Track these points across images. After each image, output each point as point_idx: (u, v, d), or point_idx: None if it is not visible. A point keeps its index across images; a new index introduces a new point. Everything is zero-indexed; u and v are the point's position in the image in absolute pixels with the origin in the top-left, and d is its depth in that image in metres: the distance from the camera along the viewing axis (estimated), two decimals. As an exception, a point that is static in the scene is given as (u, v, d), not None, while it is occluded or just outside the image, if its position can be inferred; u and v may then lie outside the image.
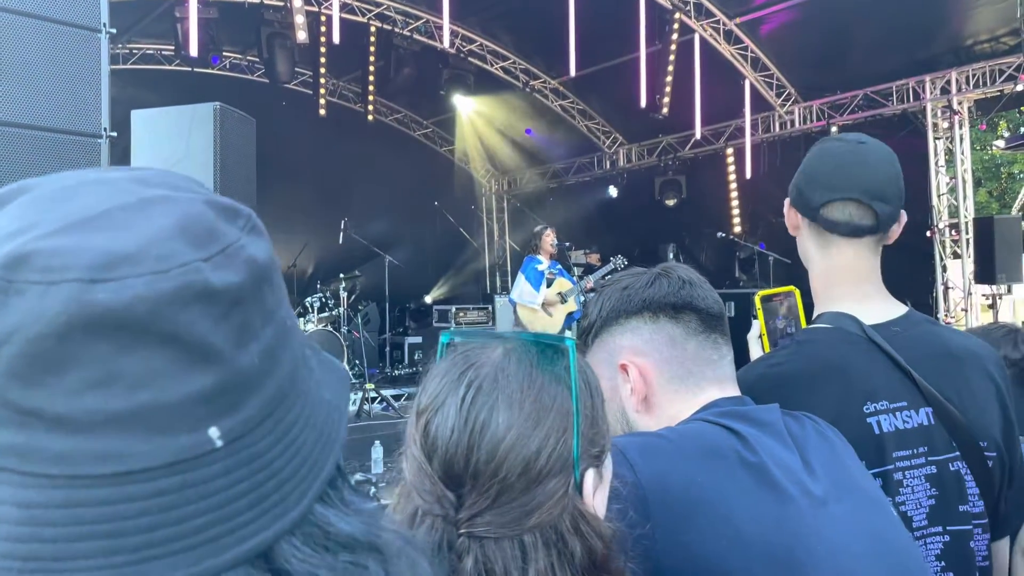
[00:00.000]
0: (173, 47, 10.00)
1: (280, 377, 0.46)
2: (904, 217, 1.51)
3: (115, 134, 3.10)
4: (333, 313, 10.40)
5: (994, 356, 1.50)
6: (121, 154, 3.78)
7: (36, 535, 0.39)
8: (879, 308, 1.47)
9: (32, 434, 0.39)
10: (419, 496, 0.80)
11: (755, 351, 1.69)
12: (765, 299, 1.78)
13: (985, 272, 8.48)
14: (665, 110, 10.62)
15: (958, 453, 1.38)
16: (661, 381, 1.24)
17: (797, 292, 1.78)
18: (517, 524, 0.78)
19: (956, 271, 9.64)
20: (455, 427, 0.81)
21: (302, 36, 9.27)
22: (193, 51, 8.29)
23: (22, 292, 0.39)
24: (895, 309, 1.49)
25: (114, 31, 3.14)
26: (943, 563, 1.34)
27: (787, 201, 1.59)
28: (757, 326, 1.74)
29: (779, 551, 1.04)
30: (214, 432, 0.42)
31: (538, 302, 7.89)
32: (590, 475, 0.85)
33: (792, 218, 1.57)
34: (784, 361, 1.43)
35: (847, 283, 1.49)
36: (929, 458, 1.36)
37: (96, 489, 0.39)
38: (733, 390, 1.26)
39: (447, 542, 0.78)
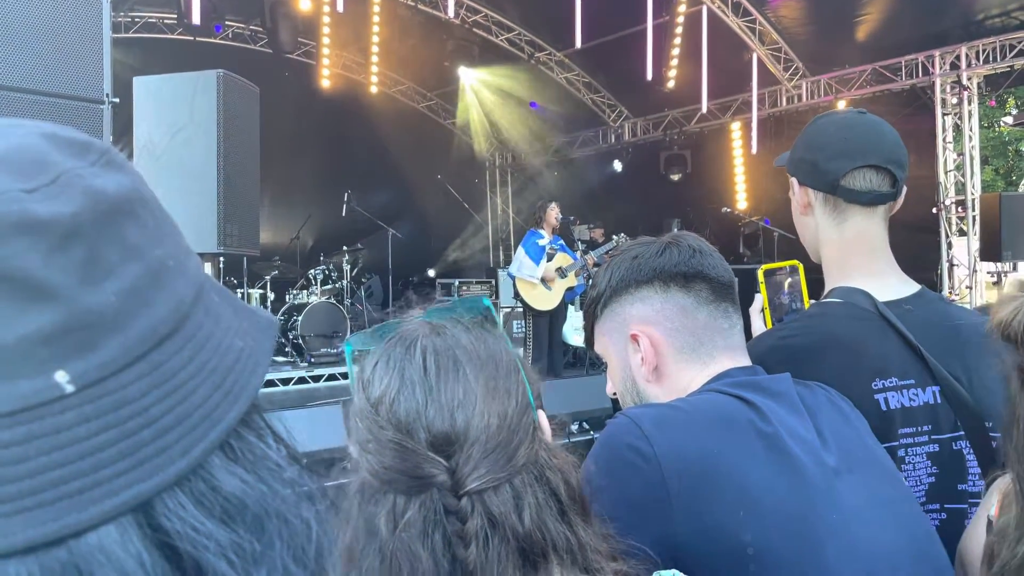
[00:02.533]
0: (176, 16, 9.91)
1: (153, 319, 0.42)
2: (904, 188, 1.51)
3: (117, 100, 3.07)
4: (336, 286, 10.39)
5: None
6: (125, 121, 3.76)
7: None
8: (892, 285, 1.47)
9: None
10: (403, 479, 0.81)
11: (757, 325, 1.68)
12: (768, 273, 1.78)
13: (991, 249, 8.44)
14: (671, 83, 10.53)
15: (962, 432, 1.38)
16: (671, 351, 1.24)
17: (800, 266, 1.77)
18: (507, 466, 0.81)
19: (962, 248, 9.60)
20: (428, 396, 0.83)
21: (305, 5, 9.17)
22: (196, 19, 8.22)
23: None
24: (908, 287, 1.49)
25: (113, -7, 3.11)
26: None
27: (794, 182, 1.58)
28: (760, 300, 1.74)
29: (794, 521, 1.04)
30: (61, 376, 0.38)
31: (537, 276, 7.88)
32: (542, 414, 0.90)
33: (803, 197, 1.55)
34: (795, 334, 1.43)
35: (861, 256, 1.49)
36: (932, 436, 1.37)
37: None
38: (744, 359, 1.26)
39: (444, 511, 0.80)
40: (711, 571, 1.02)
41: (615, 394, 1.35)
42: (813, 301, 1.68)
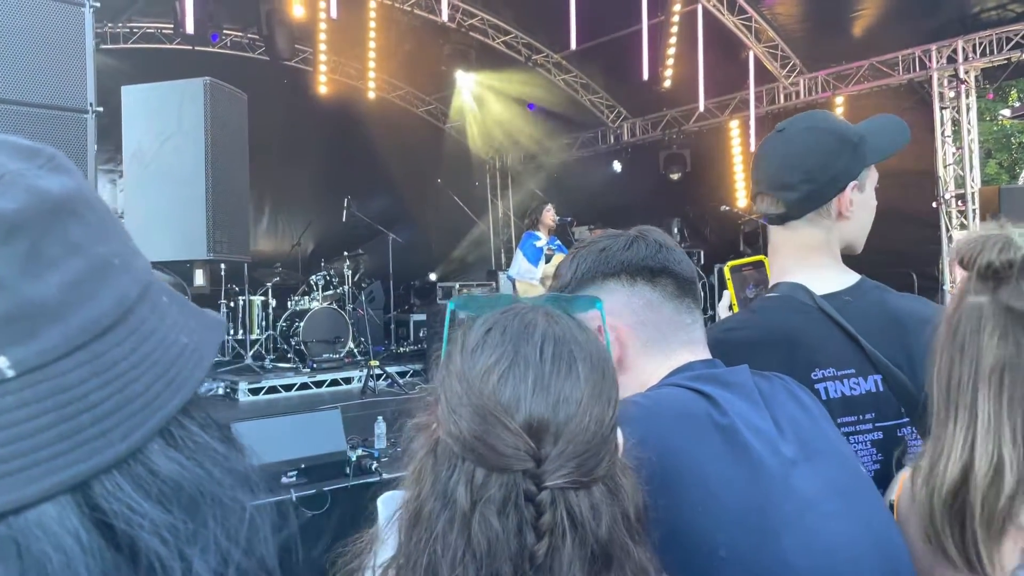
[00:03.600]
0: (172, 26, 9.96)
1: (95, 311, 0.44)
2: (848, 191, 1.53)
3: (100, 109, 3.09)
4: (337, 291, 10.41)
5: None
6: (117, 130, 3.77)
7: None
8: (830, 278, 1.53)
9: None
10: (489, 453, 0.80)
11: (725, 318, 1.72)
12: (735, 269, 1.82)
13: (991, 243, 8.40)
14: (668, 83, 10.52)
15: (907, 419, 1.41)
16: (636, 344, 1.25)
17: (766, 261, 1.80)
18: (592, 473, 0.81)
19: (962, 242, 9.56)
20: (538, 380, 0.82)
21: (299, 12, 9.21)
22: (189, 28, 8.25)
23: None
24: (847, 279, 1.54)
25: (97, 4, 3.12)
26: None
27: None
28: (727, 296, 1.77)
29: (751, 514, 1.05)
30: (2, 362, 0.41)
31: (537, 277, 7.89)
32: (618, 429, 0.89)
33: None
34: (737, 327, 1.48)
35: (800, 254, 1.56)
36: (876, 424, 1.40)
37: None
38: (704, 353, 1.27)
39: (524, 496, 0.79)
40: (677, 567, 1.01)
41: None
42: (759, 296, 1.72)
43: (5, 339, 0.41)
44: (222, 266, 7.95)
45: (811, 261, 1.54)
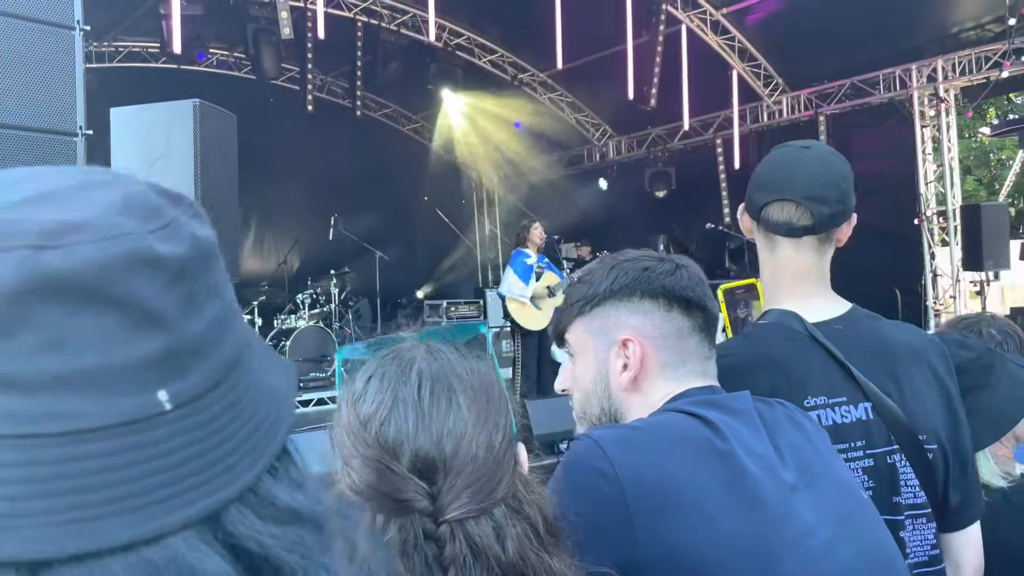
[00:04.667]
0: (158, 45, 9.96)
1: (227, 350, 0.48)
2: (854, 219, 1.56)
3: (91, 132, 3.08)
4: (324, 310, 10.38)
5: (938, 349, 1.54)
6: (104, 153, 3.77)
7: None
8: (822, 306, 1.53)
9: None
10: (382, 499, 0.82)
11: (719, 342, 1.74)
12: (728, 292, 1.84)
13: (972, 259, 8.51)
14: (653, 102, 10.62)
15: (896, 446, 1.42)
16: (654, 366, 1.26)
17: (759, 284, 1.81)
18: (489, 498, 0.82)
19: (944, 258, 9.67)
20: (419, 420, 0.83)
21: (287, 31, 9.24)
22: (176, 48, 8.25)
23: None
24: (838, 307, 1.55)
25: (88, 28, 3.12)
26: None
27: (741, 206, 1.66)
28: (720, 318, 1.79)
29: (751, 540, 1.06)
30: (163, 395, 0.43)
31: (528, 295, 7.90)
32: (521, 448, 0.91)
33: (745, 222, 1.64)
34: (729, 354, 1.46)
35: (791, 281, 1.56)
36: (867, 451, 1.41)
37: (49, 448, 0.40)
38: (712, 383, 1.29)
39: (423, 535, 0.81)
40: None
41: (564, 390, 1.37)
42: (750, 322, 1.73)
43: (166, 374, 0.43)
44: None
45: (804, 289, 1.55)
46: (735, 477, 1.09)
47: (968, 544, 1.50)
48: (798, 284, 1.55)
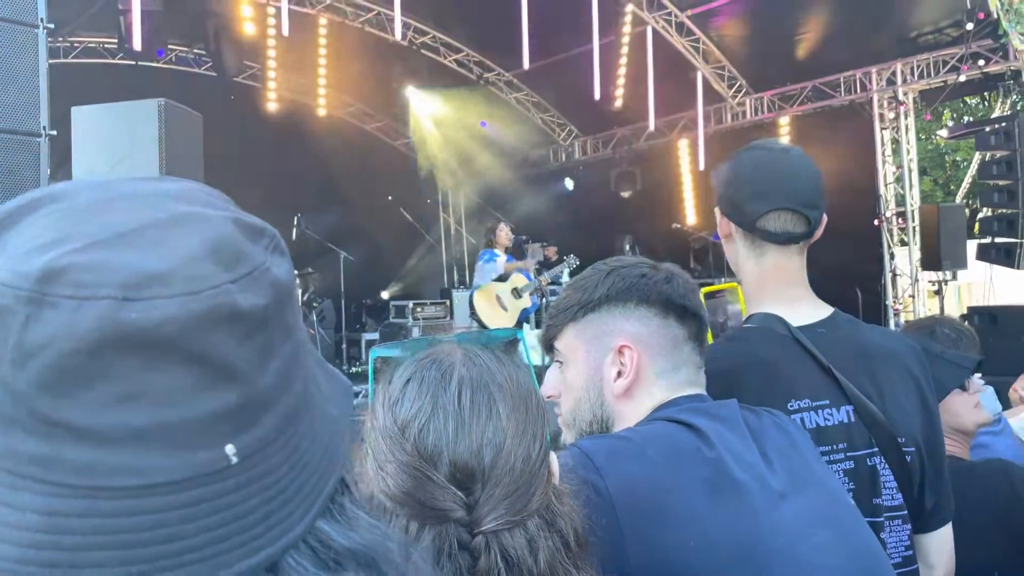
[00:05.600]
0: (116, 40, 9.73)
1: (293, 395, 0.47)
2: (825, 218, 1.58)
3: (54, 132, 2.99)
4: (288, 311, 10.25)
5: (915, 354, 1.56)
6: (64, 151, 3.66)
7: (56, 543, 0.40)
8: (806, 310, 1.55)
9: (57, 445, 0.40)
10: (419, 507, 0.80)
11: None
12: (708, 295, 1.84)
13: (930, 259, 8.69)
14: (619, 102, 10.67)
15: (876, 449, 1.44)
16: (650, 374, 1.25)
17: (739, 288, 1.82)
18: (524, 510, 0.81)
19: (904, 258, 9.87)
20: (459, 428, 0.82)
21: (249, 29, 9.09)
22: (137, 45, 8.07)
23: (56, 306, 0.40)
24: (821, 311, 1.56)
25: (52, 26, 3.03)
26: None
27: (718, 211, 1.65)
28: None
29: (741, 548, 1.06)
30: (231, 449, 0.43)
31: (496, 271, 7.95)
32: (553, 457, 0.90)
33: (725, 227, 1.63)
34: (715, 358, 1.46)
35: (777, 286, 1.56)
36: (848, 454, 1.43)
37: (116, 501, 0.40)
38: (700, 391, 1.28)
39: (457, 545, 0.80)
40: None
41: (550, 397, 1.34)
42: (734, 327, 1.74)
43: (237, 427, 0.43)
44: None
45: (791, 293, 1.56)
46: (724, 486, 1.09)
47: (942, 545, 1.53)
48: (785, 288, 1.56)
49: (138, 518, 0.41)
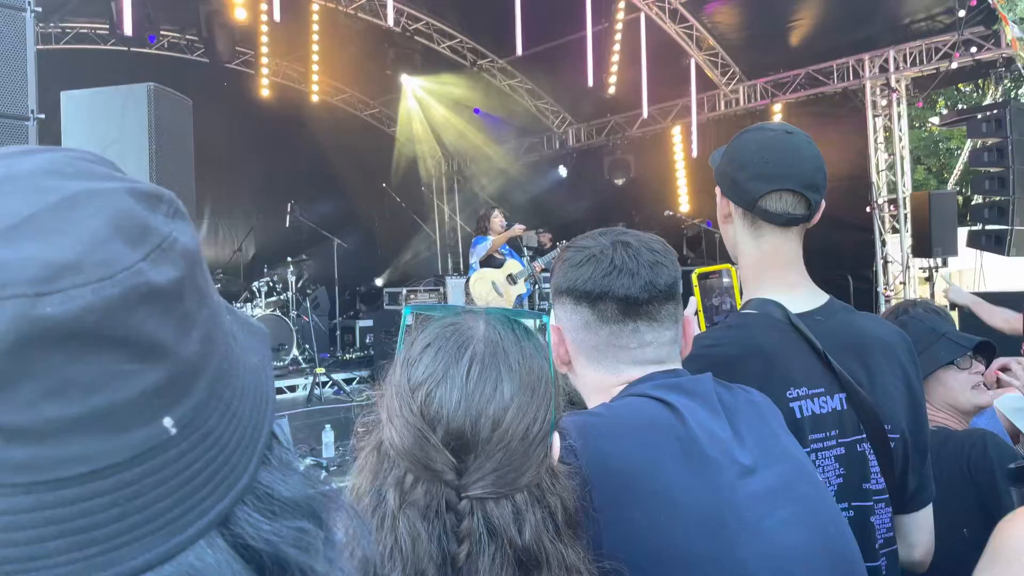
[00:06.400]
0: (108, 26, 9.68)
1: (218, 356, 0.47)
2: (823, 203, 1.58)
3: (43, 116, 2.99)
4: (281, 298, 10.26)
5: (906, 344, 1.58)
6: (53, 136, 3.66)
7: (8, 540, 0.40)
8: (804, 297, 1.55)
9: None
10: (415, 463, 0.87)
11: (691, 327, 1.74)
12: (702, 277, 1.84)
13: (922, 246, 8.72)
14: (612, 89, 10.65)
15: (864, 435, 1.47)
16: (580, 357, 1.30)
17: (733, 270, 1.82)
18: (512, 484, 0.87)
19: (895, 245, 9.90)
20: (461, 399, 0.88)
21: (241, 14, 9.04)
22: (127, 30, 8.02)
23: None
24: (818, 298, 1.57)
25: (39, 10, 3.02)
26: None
27: (718, 191, 1.64)
28: (694, 303, 1.79)
29: (712, 521, 1.08)
30: (168, 422, 0.43)
31: (487, 248, 7.98)
32: (556, 437, 0.94)
33: (725, 207, 1.62)
34: (716, 343, 1.49)
35: (776, 270, 1.56)
36: (840, 440, 1.45)
37: (63, 490, 0.40)
38: (663, 367, 1.27)
39: (445, 504, 0.86)
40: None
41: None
42: (732, 311, 1.74)
43: (170, 400, 0.44)
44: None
45: (790, 278, 1.56)
46: (696, 461, 1.11)
47: (923, 525, 1.55)
48: (784, 272, 1.56)
49: (87, 503, 0.41)
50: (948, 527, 1.67)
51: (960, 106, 17.52)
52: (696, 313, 1.79)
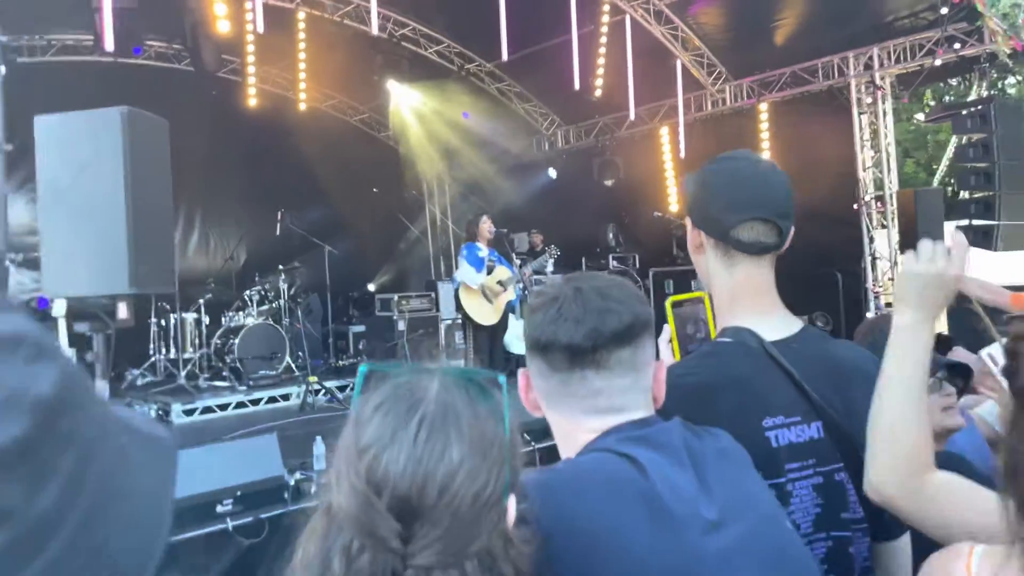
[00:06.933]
0: (92, 38, 9.67)
1: (88, 498, 0.44)
2: (792, 229, 1.59)
3: (9, 147, 3.00)
4: (273, 306, 10.26)
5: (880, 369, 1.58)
6: (32, 159, 3.67)
7: None
8: (778, 324, 1.55)
9: None
10: (361, 529, 0.84)
11: (665, 355, 1.74)
12: (676, 304, 1.82)
13: (909, 243, 8.73)
14: (599, 92, 10.66)
15: (842, 464, 1.46)
16: (544, 403, 1.30)
17: (707, 297, 1.82)
18: (461, 552, 0.84)
19: (883, 242, 9.91)
20: (408, 463, 0.85)
21: (224, 27, 9.04)
22: (108, 45, 8.01)
23: None
24: (792, 325, 1.57)
25: (4, 39, 3.03)
26: (826, 566, 1.42)
27: (688, 222, 1.64)
28: (668, 331, 1.79)
29: None
30: None
31: (478, 283, 7.94)
32: (512, 500, 0.91)
33: (696, 238, 1.62)
34: (690, 373, 1.48)
35: (749, 298, 1.56)
36: (817, 469, 1.44)
37: None
38: (626, 415, 1.25)
39: (390, 573, 0.83)
40: None
41: None
42: (707, 340, 1.74)
43: (18, 562, 0.41)
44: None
45: (763, 306, 1.56)
46: (659, 518, 1.10)
47: (902, 552, 1.54)
48: (758, 300, 1.56)
49: None
50: (924, 554, 1.68)
51: (948, 98, 17.53)
52: (670, 341, 1.79)
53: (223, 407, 8.64)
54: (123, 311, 3.82)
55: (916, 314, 1.38)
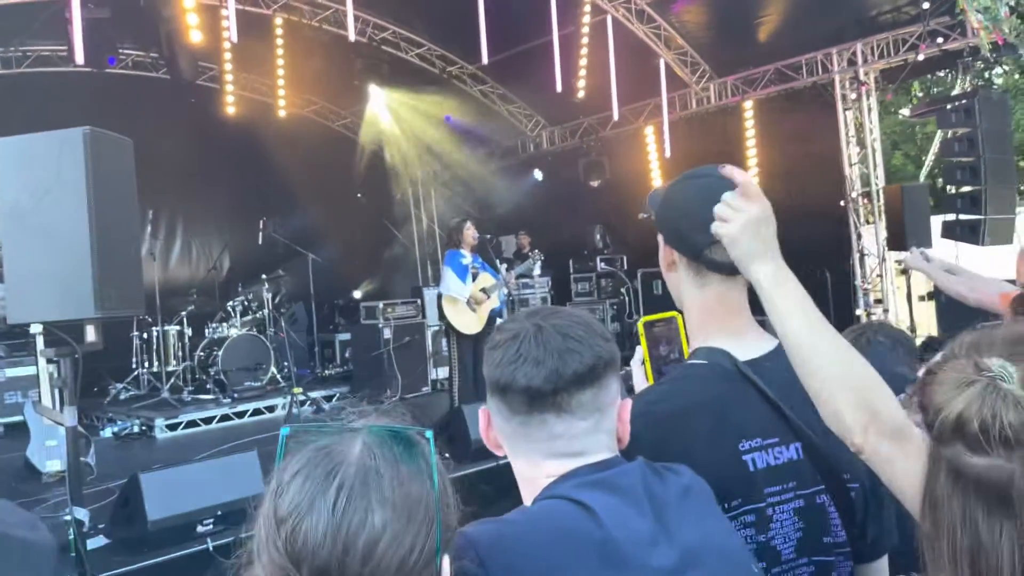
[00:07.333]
0: (66, 49, 9.54)
1: None
2: None
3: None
4: (257, 316, 10.16)
5: None
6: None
7: None
8: (752, 343, 1.51)
9: None
10: None
11: (638, 377, 1.69)
12: (648, 325, 1.79)
13: (896, 239, 8.71)
14: (581, 93, 10.59)
15: (823, 486, 1.42)
16: (502, 441, 1.27)
17: (679, 318, 1.77)
18: None
19: (871, 238, 9.89)
20: (328, 532, 0.81)
21: (197, 36, 8.93)
22: (79, 59, 7.88)
23: None
24: (766, 343, 1.52)
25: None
26: None
27: (661, 239, 1.60)
28: (640, 352, 1.74)
29: None
30: None
31: (465, 294, 7.85)
32: (446, 560, 0.88)
33: (668, 256, 1.57)
34: (662, 399, 1.44)
35: (723, 318, 1.52)
36: (797, 492, 1.40)
37: None
38: (585, 459, 1.21)
39: None
40: None
41: None
42: (681, 360, 1.68)
43: None
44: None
45: (737, 325, 1.52)
46: (612, 566, 1.07)
47: (881, 572, 1.52)
48: (731, 320, 1.52)
49: None
50: (901, 570, 1.64)
51: (935, 90, 17.55)
52: (643, 363, 1.74)
53: (207, 420, 8.56)
54: (91, 334, 3.72)
55: (774, 260, 1.34)
